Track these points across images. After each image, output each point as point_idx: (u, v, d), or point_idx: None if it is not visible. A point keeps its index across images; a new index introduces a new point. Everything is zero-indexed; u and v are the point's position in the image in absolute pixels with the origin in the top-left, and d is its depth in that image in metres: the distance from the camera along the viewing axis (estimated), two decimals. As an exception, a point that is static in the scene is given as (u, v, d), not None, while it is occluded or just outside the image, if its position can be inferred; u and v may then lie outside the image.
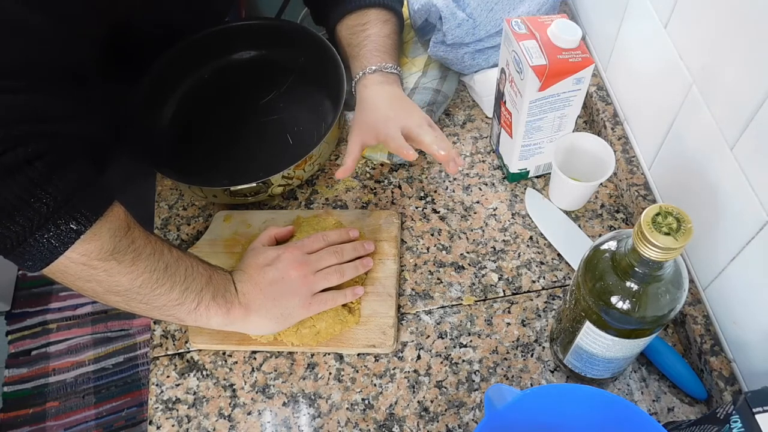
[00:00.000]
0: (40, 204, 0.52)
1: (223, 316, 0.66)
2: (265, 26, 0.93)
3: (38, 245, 0.53)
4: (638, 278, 0.52)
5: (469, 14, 0.86)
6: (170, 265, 0.62)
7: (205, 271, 0.66)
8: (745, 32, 0.55)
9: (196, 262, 0.65)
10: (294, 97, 0.91)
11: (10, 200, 0.52)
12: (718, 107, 0.62)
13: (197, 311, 0.64)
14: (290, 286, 0.69)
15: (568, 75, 0.68)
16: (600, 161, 0.76)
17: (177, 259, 0.63)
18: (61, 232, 0.54)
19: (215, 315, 0.66)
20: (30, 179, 0.52)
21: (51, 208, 0.53)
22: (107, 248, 0.57)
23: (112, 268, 0.58)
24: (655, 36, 0.71)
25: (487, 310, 0.75)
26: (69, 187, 0.54)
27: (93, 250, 0.56)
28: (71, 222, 0.54)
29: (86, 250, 0.56)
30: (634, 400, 0.68)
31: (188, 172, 0.82)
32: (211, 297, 0.65)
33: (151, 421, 0.70)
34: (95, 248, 0.56)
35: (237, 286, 0.68)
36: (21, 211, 0.52)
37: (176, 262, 0.63)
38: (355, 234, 0.77)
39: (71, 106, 0.68)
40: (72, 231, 0.54)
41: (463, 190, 0.84)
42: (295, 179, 0.80)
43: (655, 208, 0.47)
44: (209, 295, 0.65)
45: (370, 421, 0.68)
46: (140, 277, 0.59)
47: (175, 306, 0.63)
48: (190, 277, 0.63)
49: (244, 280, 0.68)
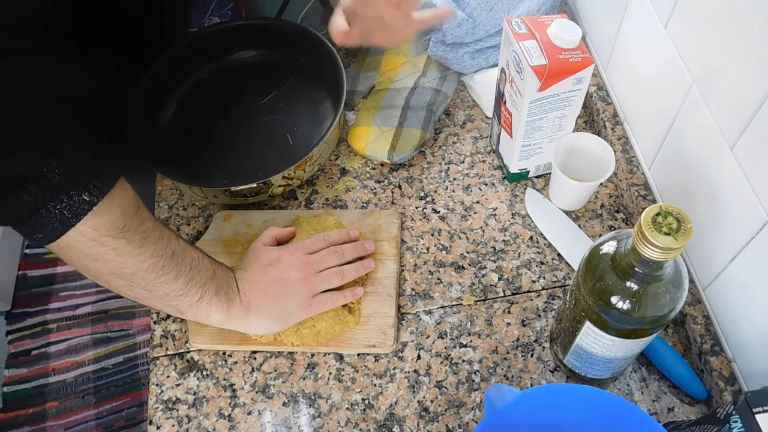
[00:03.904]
0: (53, 174, 0.51)
1: (223, 313, 0.66)
2: (265, 26, 0.93)
3: (51, 216, 0.52)
4: (638, 278, 0.52)
5: (469, 14, 0.86)
6: (177, 253, 0.61)
7: (210, 265, 0.66)
8: (745, 32, 0.55)
9: (201, 255, 0.65)
10: (294, 97, 0.91)
11: (21, 170, 0.50)
12: (718, 107, 0.62)
13: (199, 305, 0.64)
14: (291, 286, 0.69)
15: (568, 75, 0.68)
16: (600, 161, 0.76)
17: (184, 249, 0.62)
18: (73, 203, 0.52)
19: (216, 311, 0.66)
20: (40, 149, 0.51)
21: (64, 178, 0.52)
22: (118, 224, 0.56)
23: (122, 246, 0.57)
24: (655, 36, 0.71)
25: (487, 310, 0.75)
26: (80, 157, 0.53)
27: (104, 224, 0.55)
28: (84, 193, 0.53)
29: (97, 224, 0.55)
30: (634, 400, 0.68)
31: (188, 172, 0.82)
32: (214, 292, 0.65)
33: (151, 421, 0.70)
34: (106, 223, 0.55)
35: (238, 285, 0.68)
36: (33, 181, 0.51)
37: (183, 251, 0.62)
38: (355, 234, 0.77)
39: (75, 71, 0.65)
40: (85, 202, 0.53)
41: (463, 190, 0.84)
42: (295, 179, 0.80)
43: (655, 208, 0.47)
44: (212, 289, 0.65)
45: (370, 421, 0.68)
46: (147, 261, 0.59)
47: (178, 296, 0.62)
48: (195, 268, 0.63)
49: (245, 279, 0.69)
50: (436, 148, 0.88)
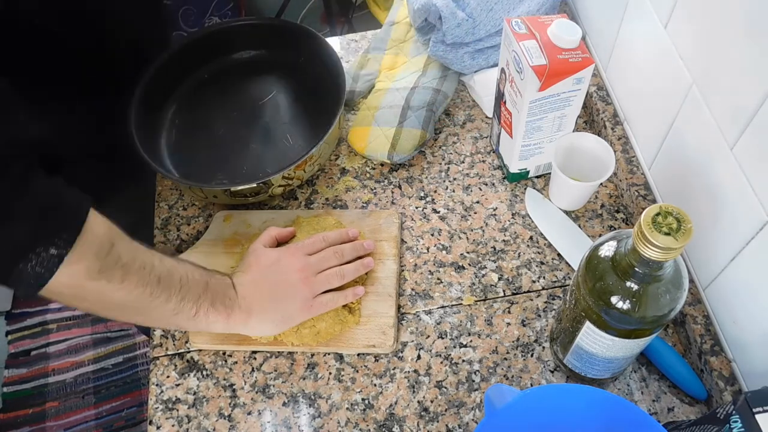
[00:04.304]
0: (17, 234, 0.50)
1: (223, 321, 0.66)
2: (265, 26, 0.93)
3: (25, 274, 0.51)
4: (638, 278, 0.52)
5: (469, 14, 0.86)
6: (163, 276, 0.60)
7: (202, 278, 0.65)
8: (745, 32, 0.55)
9: (191, 269, 0.64)
10: (294, 97, 0.91)
11: None
12: (718, 107, 0.62)
13: (197, 318, 0.64)
14: (291, 288, 0.69)
15: (568, 75, 0.68)
16: (600, 161, 0.76)
17: (170, 270, 0.62)
18: (42, 260, 0.51)
19: (215, 321, 0.65)
20: None
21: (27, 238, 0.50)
22: (94, 268, 0.54)
23: (103, 287, 0.56)
24: (655, 36, 0.71)
25: (487, 310, 0.75)
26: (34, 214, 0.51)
27: (80, 271, 0.54)
28: (50, 248, 0.51)
29: (73, 272, 0.53)
30: (634, 400, 0.68)
31: (188, 173, 0.82)
32: (209, 304, 0.64)
33: (151, 421, 0.70)
34: (82, 269, 0.54)
35: (237, 290, 0.68)
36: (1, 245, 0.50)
37: (169, 273, 0.61)
38: (354, 234, 0.77)
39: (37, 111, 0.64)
40: (53, 257, 0.52)
41: (463, 190, 0.84)
42: (295, 179, 0.80)
43: (655, 208, 0.47)
44: (207, 302, 0.64)
45: (370, 421, 0.68)
46: (133, 292, 0.58)
47: (173, 316, 0.62)
48: (186, 286, 0.62)
49: (245, 283, 0.68)
50: (436, 148, 0.88)
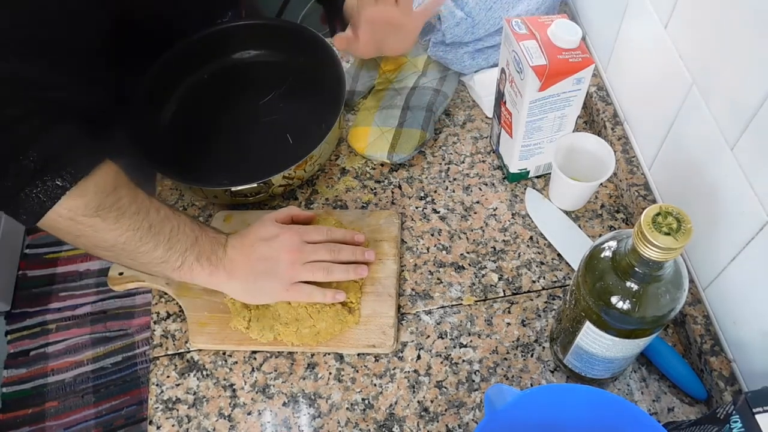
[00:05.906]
0: (28, 161, 0.56)
1: (206, 277, 0.69)
2: (265, 26, 0.93)
3: (29, 200, 0.57)
4: (638, 278, 0.52)
5: (468, 13, 0.86)
6: (154, 224, 0.64)
7: (192, 232, 0.68)
8: (745, 32, 0.55)
9: (184, 222, 0.67)
10: (294, 97, 0.90)
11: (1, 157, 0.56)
12: (718, 107, 0.62)
13: (181, 270, 0.67)
14: (276, 268, 0.70)
15: (568, 75, 0.68)
16: (600, 161, 0.76)
17: (163, 219, 0.65)
18: (47, 188, 0.57)
19: (198, 275, 0.69)
20: (17, 138, 0.57)
21: (38, 165, 0.57)
22: (92, 205, 0.60)
23: (97, 224, 0.61)
24: (655, 36, 0.71)
25: (487, 310, 0.75)
26: (55, 146, 0.58)
27: (79, 206, 0.59)
28: (57, 179, 0.57)
29: (72, 206, 0.59)
30: (634, 400, 0.68)
31: (188, 173, 0.82)
32: (195, 258, 0.67)
33: (151, 421, 0.70)
34: (81, 204, 0.59)
35: (228, 250, 0.70)
36: (10, 168, 0.56)
37: (161, 222, 0.65)
38: (360, 239, 0.76)
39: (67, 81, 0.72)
40: (58, 187, 0.57)
41: (463, 190, 0.84)
42: (296, 179, 0.80)
43: (655, 208, 0.47)
44: (193, 256, 0.67)
45: (370, 421, 0.68)
46: (124, 235, 0.62)
47: (159, 264, 0.66)
48: (175, 237, 0.66)
49: (237, 246, 0.70)
50: (436, 148, 0.88)
